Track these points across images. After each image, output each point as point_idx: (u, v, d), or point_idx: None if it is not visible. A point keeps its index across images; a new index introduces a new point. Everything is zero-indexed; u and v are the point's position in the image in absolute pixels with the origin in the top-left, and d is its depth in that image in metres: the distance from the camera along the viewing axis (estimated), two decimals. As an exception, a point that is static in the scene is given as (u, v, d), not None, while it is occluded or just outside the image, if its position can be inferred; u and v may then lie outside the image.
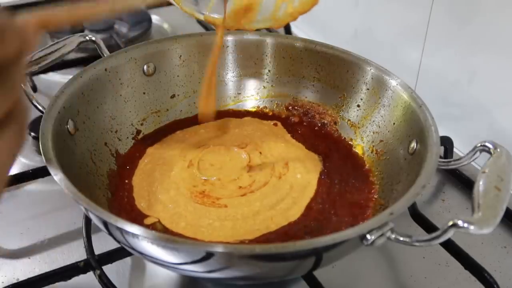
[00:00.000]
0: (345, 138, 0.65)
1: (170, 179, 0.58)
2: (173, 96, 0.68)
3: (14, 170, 0.66)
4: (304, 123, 0.68)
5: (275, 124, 0.68)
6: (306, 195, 0.57)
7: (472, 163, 0.52)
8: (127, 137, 0.63)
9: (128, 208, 0.55)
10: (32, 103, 0.57)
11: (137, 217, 0.54)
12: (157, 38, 0.69)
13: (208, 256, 0.41)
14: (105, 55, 0.63)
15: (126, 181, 0.58)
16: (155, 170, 0.60)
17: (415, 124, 0.55)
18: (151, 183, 0.58)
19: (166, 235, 0.41)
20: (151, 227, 0.53)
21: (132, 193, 0.57)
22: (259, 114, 0.70)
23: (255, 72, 0.70)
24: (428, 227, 0.59)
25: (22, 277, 0.52)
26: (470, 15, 0.67)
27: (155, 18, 1.01)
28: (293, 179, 0.59)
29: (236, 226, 0.53)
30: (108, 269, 0.52)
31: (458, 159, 0.52)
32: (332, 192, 0.58)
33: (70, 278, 0.52)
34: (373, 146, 0.61)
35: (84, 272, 0.53)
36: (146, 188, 0.57)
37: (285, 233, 0.53)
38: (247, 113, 0.70)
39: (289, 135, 0.66)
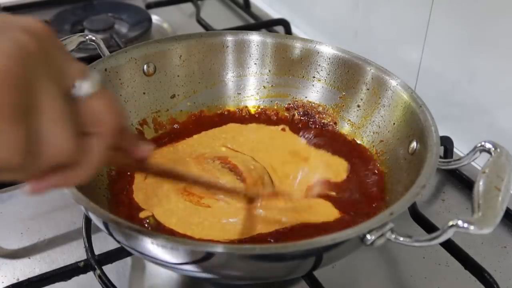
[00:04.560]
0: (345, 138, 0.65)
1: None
2: (173, 96, 0.67)
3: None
4: (303, 121, 0.68)
5: (283, 129, 0.67)
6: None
7: (472, 163, 0.52)
8: (127, 137, 0.63)
9: (126, 202, 0.55)
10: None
11: (135, 212, 0.54)
12: (157, 38, 0.69)
13: (208, 256, 0.41)
14: (105, 55, 0.63)
15: (129, 173, 0.59)
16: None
17: (415, 124, 0.55)
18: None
19: (166, 235, 0.41)
20: (145, 220, 0.53)
21: (132, 185, 0.57)
22: (262, 118, 0.69)
23: (255, 72, 0.70)
24: (428, 227, 0.59)
25: (22, 277, 0.52)
26: (470, 15, 0.67)
27: (155, 18, 1.01)
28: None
29: (226, 227, 0.53)
30: (108, 269, 0.52)
31: (458, 159, 0.51)
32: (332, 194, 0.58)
33: (70, 278, 0.52)
34: (373, 146, 0.61)
35: (84, 272, 0.53)
36: (145, 182, 0.58)
37: (279, 233, 0.53)
38: (249, 117, 0.69)
39: (303, 140, 0.65)
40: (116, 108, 0.36)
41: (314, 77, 0.68)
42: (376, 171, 0.59)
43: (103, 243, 0.55)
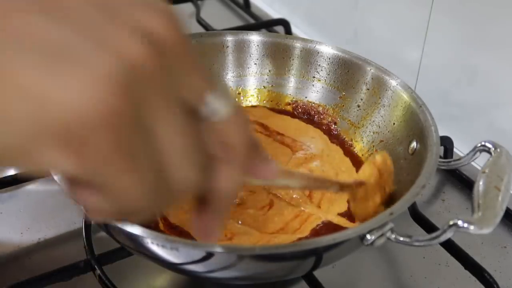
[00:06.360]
0: (345, 138, 0.65)
1: None
2: (173, 96, 0.67)
3: (14, 170, 0.66)
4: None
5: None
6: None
7: (472, 163, 0.52)
8: (127, 137, 0.63)
9: None
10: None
11: None
12: (157, 38, 0.69)
13: (208, 256, 0.41)
14: (105, 55, 0.63)
15: None
16: None
17: (415, 124, 0.55)
18: None
19: (166, 235, 0.41)
20: None
21: None
22: None
23: (255, 72, 0.70)
24: (428, 227, 0.59)
25: (22, 277, 0.52)
26: (471, 14, 0.67)
27: (155, 18, 1.01)
28: None
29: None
30: (108, 269, 0.52)
31: (458, 159, 0.52)
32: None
33: (70, 278, 0.52)
34: (373, 146, 0.61)
35: (84, 272, 0.52)
36: None
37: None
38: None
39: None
40: (248, 129, 0.29)
41: (314, 77, 0.68)
42: None
43: (103, 243, 0.55)
